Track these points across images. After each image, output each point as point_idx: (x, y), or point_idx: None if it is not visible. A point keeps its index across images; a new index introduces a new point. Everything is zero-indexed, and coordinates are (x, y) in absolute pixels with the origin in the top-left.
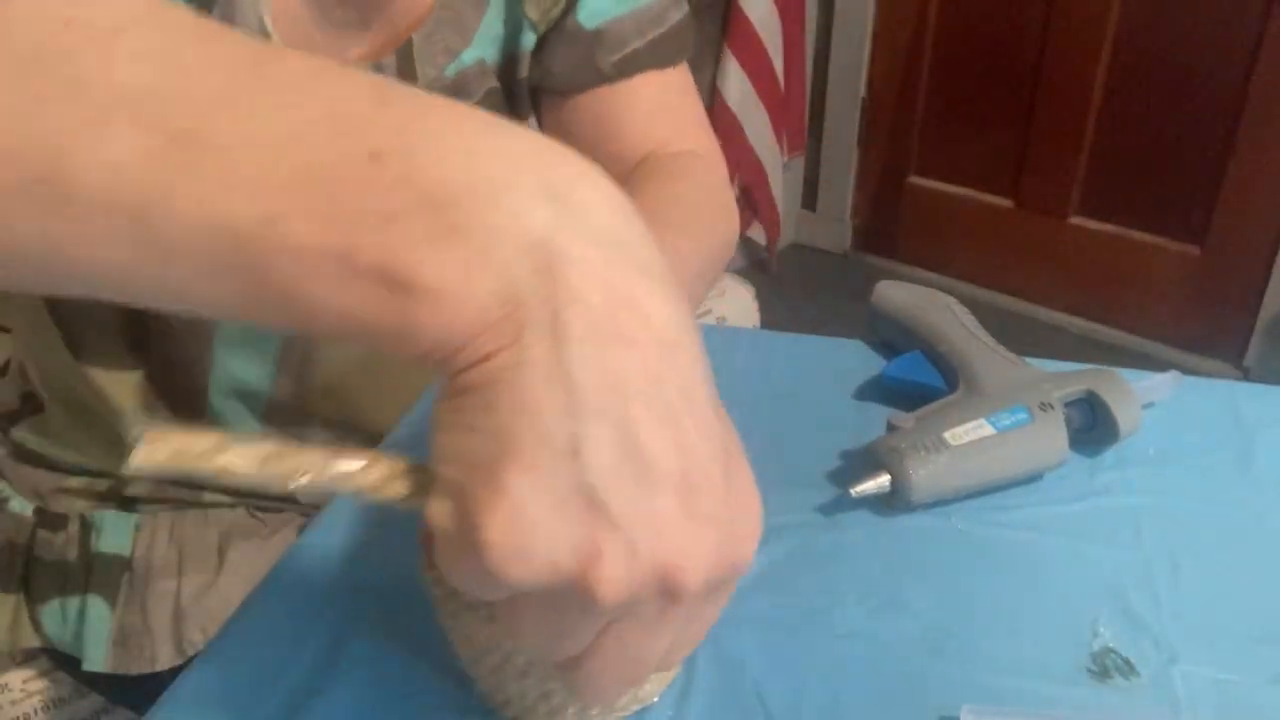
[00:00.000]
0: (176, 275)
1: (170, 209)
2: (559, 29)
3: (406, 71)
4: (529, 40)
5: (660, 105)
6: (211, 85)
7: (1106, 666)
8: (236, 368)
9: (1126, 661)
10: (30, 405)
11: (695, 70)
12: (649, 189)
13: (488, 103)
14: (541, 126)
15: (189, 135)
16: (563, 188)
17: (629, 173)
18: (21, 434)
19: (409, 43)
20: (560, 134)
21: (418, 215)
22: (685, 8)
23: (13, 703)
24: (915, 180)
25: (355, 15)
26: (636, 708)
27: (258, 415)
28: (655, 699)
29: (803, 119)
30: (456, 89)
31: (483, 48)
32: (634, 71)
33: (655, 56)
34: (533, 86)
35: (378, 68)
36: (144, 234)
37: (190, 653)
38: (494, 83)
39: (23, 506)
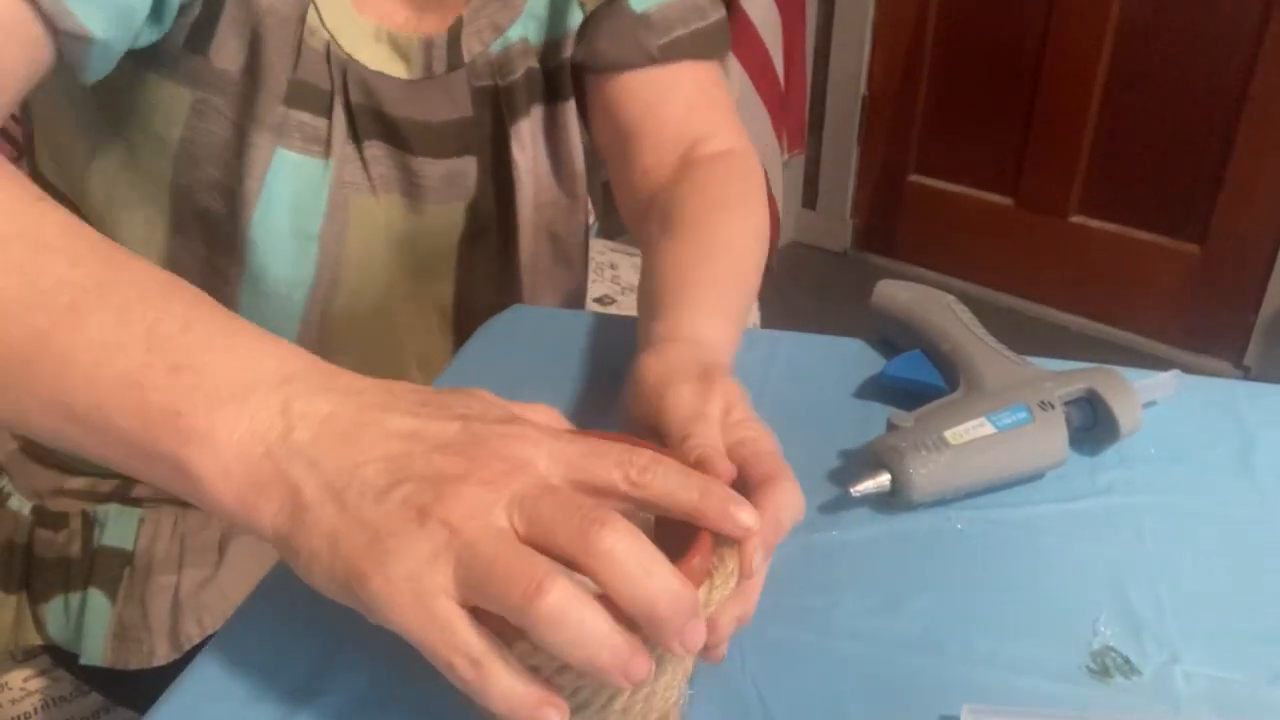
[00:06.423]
0: (67, 432)
1: (30, 390)
2: (607, 9)
3: (454, 48)
4: (575, 19)
5: (699, 96)
6: (61, 301)
7: (1107, 665)
8: None
9: (1127, 660)
10: None
11: None
12: (696, 231)
13: (527, 81)
14: (586, 107)
15: (42, 336)
16: (293, 400)
17: (671, 168)
18: None
19: (459, 19)
20: (606, 113)
21: (202, 413)
22: (723, 9)
23: (12, 702)
24: (915, 179)
25: None
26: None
27: None
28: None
29: (803, 117)
30: (500, 65)
31: (526, 26)
32: (677, 57)
33: (696, 47)
34: (577, 65)
35: (428, 44)
36: (15, 405)
37: (187, 646)
38: (534, 62)
39: (20, 504)
